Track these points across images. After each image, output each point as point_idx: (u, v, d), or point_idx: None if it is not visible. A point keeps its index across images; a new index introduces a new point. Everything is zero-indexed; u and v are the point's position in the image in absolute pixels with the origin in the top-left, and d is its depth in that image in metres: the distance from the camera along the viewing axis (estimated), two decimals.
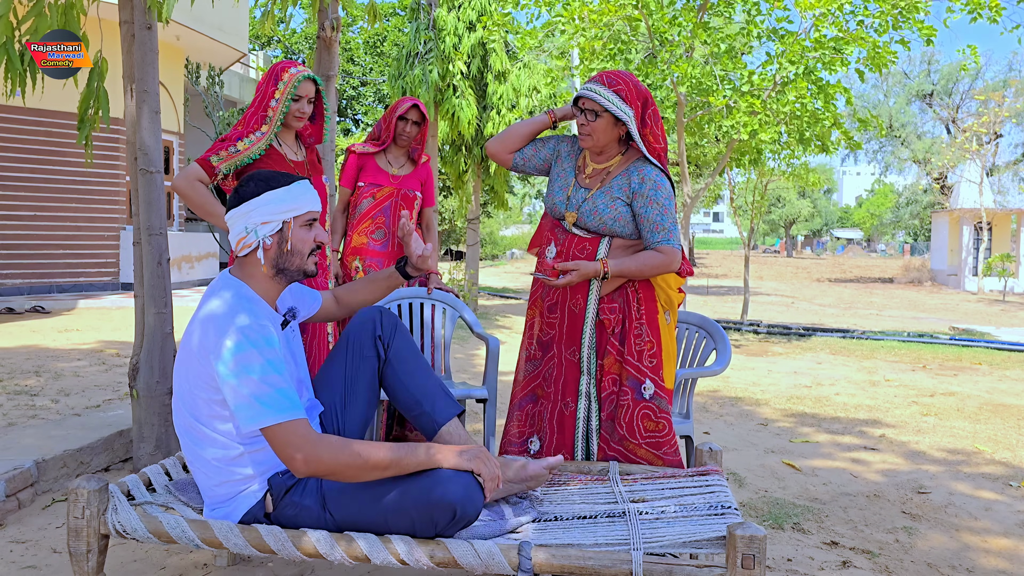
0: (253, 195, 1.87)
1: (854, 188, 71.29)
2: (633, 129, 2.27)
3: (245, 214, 1.86)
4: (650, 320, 2.33)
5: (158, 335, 3.14)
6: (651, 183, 2.29)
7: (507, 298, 14.95)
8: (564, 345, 2.39)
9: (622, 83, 2.28)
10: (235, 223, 1.88)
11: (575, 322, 2.37)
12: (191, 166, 2.58)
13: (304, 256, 1.90)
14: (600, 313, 2.34)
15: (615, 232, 2.32)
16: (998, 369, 7.06)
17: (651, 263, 2.28)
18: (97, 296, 9.66)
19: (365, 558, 1.68)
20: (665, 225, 2.29)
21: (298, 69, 2.67)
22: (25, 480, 2.82)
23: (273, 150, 2.67)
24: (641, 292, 2.33)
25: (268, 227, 1.85)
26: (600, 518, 1.88)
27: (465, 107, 10.12)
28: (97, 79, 3.32)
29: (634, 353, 2.31)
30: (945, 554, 2.68)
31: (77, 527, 1.76)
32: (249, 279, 1.88)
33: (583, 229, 2.36)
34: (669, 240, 2.29)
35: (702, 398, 5.35)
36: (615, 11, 7.26)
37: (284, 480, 1.81)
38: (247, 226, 1.85)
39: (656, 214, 2.28)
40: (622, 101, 2.26)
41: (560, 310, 2.40)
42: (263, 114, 2.62)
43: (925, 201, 30.56)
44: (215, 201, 2.55)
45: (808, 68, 7.24)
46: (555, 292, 2.41)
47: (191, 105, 12.64)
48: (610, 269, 2.28)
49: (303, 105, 2.66)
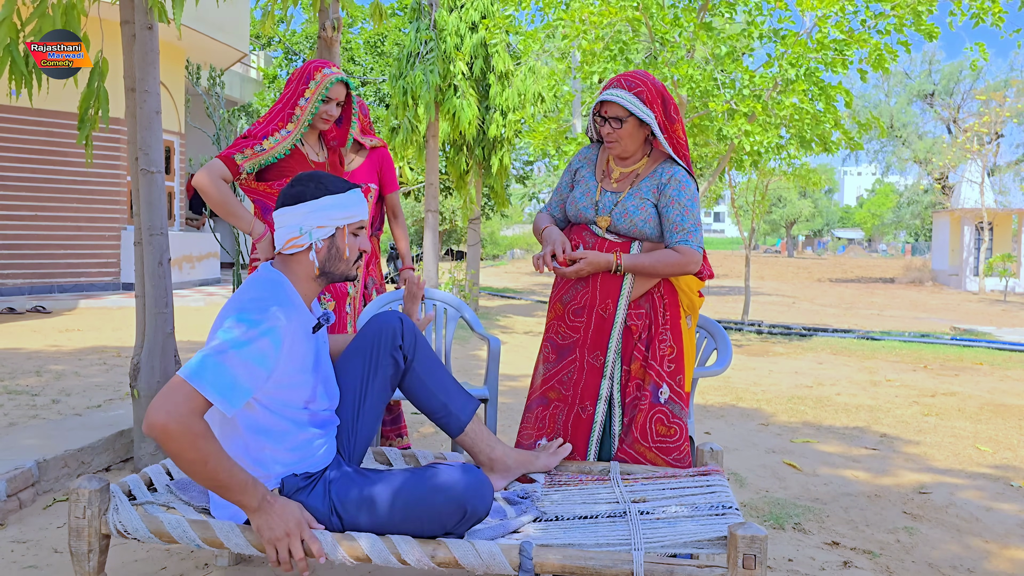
0: (312, 197, 1.87)
1: (855, 188, 71.31)
2: (656, 130, 2.26)
3: (303, 214, 1.86)
4: (674, 326, 2.32)
5: (159, 335, 3.14)
6: (676, 184, 2.28)
7: (508, 298, 14.96)
8: (588, 349, 2.35)
9: (640, 84, 2.26)
10: (288, 220, 1.87)
11: (603, 326, 2.33)
12: (213, 162, 2.45)
13: (351, 263, 1.93)
14: (628, 319, 2.31)
15: (645, 234, 2.30)
16: (999, 369, 7.06)
17: (666, 260, 2.25)
18: (98, 296, 9.67)
19: (366, 558, 1.68)
20: (685, 226, 2.26)
21: (331, 70, 2.58)
22: (26, 480, 2.83)
23: (296, 150, 2.59)
24: (667, 298, 2.32)
25: (323, 231, 1.87)
26: (601, 518, 1.88)
27: (466, 107, 10.13)
28: (98, 79, 3.32)
29: (657, 358, 2.29)
30: (946, 554, 2.68)
31: (78, 527, 1.76)
32: (292, 276, 1.89)
33: (614, 233, 2.34)
34: (688, 241, 2.26)
35: (703, 398, 5.35)
36: (616, 13, 7.26)
37: (296, 482, 1.82)
38: (302, 227, 1.85)
39: (676, 214, 2.27)
40: (642, 103, 2.25)
41: (587, 314, 2.35)
42: (290, 112, 2.54)
43: (926, 201, 30.57)
44: (236, 200, 2.47)
45: (809, 69, 7.24)
46: (583, 295, 2.36)
47: (192, 105, 12.66)
48: (623, 262, 2.26)
49: (332, 107, 2.59)
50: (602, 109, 2.29)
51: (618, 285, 2.30)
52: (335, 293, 2.60)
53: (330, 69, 2.59)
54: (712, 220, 76.75)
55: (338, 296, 2.61)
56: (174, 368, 3.19)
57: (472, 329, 3.30)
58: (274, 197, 2.51)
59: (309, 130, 2.63)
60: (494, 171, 11.12)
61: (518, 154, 22.03)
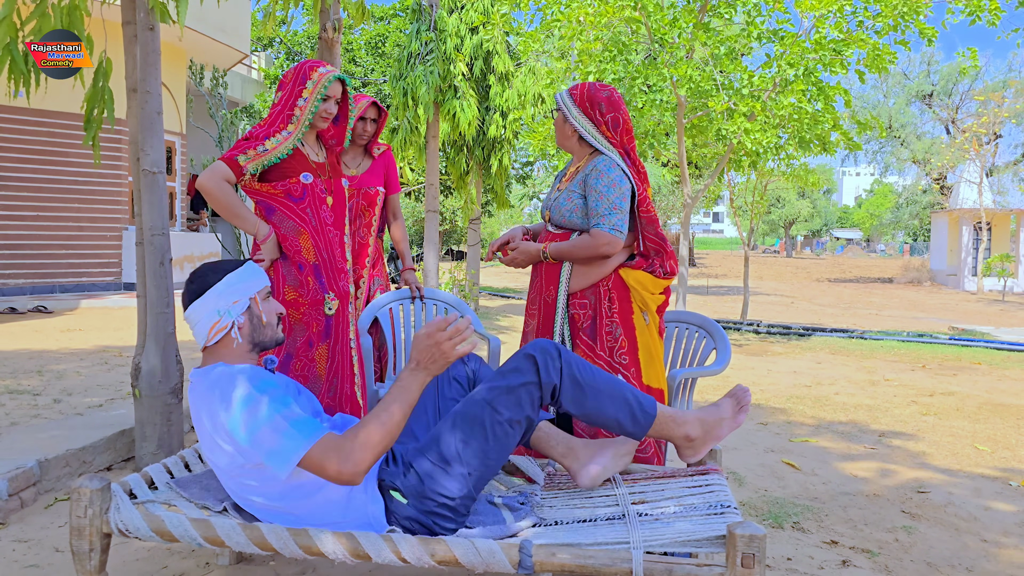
0: (216, 282, 1.93)
1: (854, 188, 71.31)
2: (579, 125, 2.48)
3: (214, 300, 1.92)
4: (624, 319, 2.43)
5: (160, 335, 3.15)
6: (595, 173, 2.45)
7: (508, 298, 14.96)
8: (540, 335, 2.50)
9: (578, 88, 2.53)
10: (203, 312, 1.92)
11: (548, 313, 2.52)
12: (217, 164, 2.46)
13: (275, 326, 2.00)
14: (570, 308, 2.47)
15: (575, 224, 2.48)
16: (997, 369, 7.07)
17: (580, 244, 2.44)
18: (99, 296, 9.67)
19: (367, 556, 1.69)
20: (599, 210, 2.42)
21: (327, 69, 2.60)
22: (28, 479, 2.83)
23: (297, 151, 2.59)
24: (614, 291, 2.44)
25: (239, 306, 1.93)
26: (600, 521, 1.89)
27: (466, 108, 10.14)
28: (102, 79, 3.33)
29: (606, 349, 2.41)
30: (945, 553, 2.69)
31: (79, 526, 1.77)
32: (224, 359, 1.93)
33: (556, 226, 2.55)
34: (599, 224, 2.41)
35: (702, 398, 5.36)
36: (613, 12, 7.27)
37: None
38: (219, 310, 1.91)
39: (593, 200, 2.43)
40: (572, 102, 2.51)
41: (537, 302, 2.56)
42: (289, 113, 2.54)
43: (924, 201, 30.55)
44: (240, 202, 2.50)
45: (808, 69, 7.25)
46: (534, 285, 2.59)
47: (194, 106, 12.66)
48: (549, 251, 2.48)
49: (331, 105, 2.60)
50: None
51: (557, 273, 2.50)
52: (339, 293, 2.61)
53: (325, 68, 2.60)
54: (711, 220, 76.72)
55: (341, 296, 2.62)
56: (175, 368, 3.20)
57: (472, 329, 3.31)
58: (276, 198, 2.53)
59: (309, 130, 2.63)
60: (494, 171, 11.14)
61: (518, 154, 22.04)
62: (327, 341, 2.58)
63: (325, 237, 2.57)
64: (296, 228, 2.53)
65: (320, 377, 2.56)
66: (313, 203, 2.56)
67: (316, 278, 2.54)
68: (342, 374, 2.61)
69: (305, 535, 1.72)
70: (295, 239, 2.53)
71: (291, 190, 2.53)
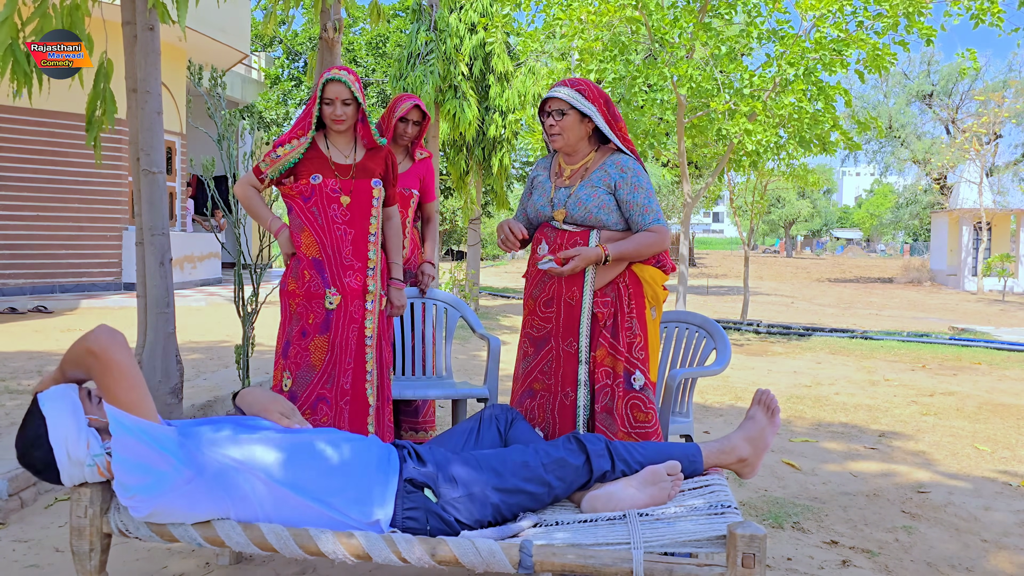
0: (47, 457, 1.75)
1: (854, 188, 71.30)
2: (600, 121, 2.42)
3: (68, 455, 1.74)
4: (639, 314, 2.43)
5: (160, 335, 3.15)
6: (632, 171, 2.43)
7: (508, 298, 14.97)
8: (562, 337, 2.45)
9: (582, 84, 2.45)
10: (73, 472, 1.76)
11: (572, 314, 2.44)
12: (248, 172, 2.78)
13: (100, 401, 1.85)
14: (595, 306, 2.43)
15: (602, 221, 2.43)
16: (997, 369, 7.07)
17: (647, 242, 2.41)
18: (100, 296, 9.68)
19: (366, 556, 1.69)
20: (652, 207, 2.43)
21: (329, 73, 2.62)
22: (28, 479, 2.84)
23: (318, 153, 2.67)
24: (632, 287, 2.43)
25: (94, 443, 1.76)
26: (600, 521, 1.89)
27: (467, 108, 10.15)
28: (103, 80, 3.33)
29: (625, 345, 2.40)
30: (944, 553, 2.69)
31: (79, 526, 1.77)
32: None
33: (572, 224, 2.47)
34: (659, 220, 2.44)
35: (702, 397, 5.36)
36: (614, 12, 7.27)
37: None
38: (87, 462, 1.75)
39: (643, 197, 2.42)
40: (584, 99, 2.42)
41: (556, 304, 2.47)
42: (308, 120, 2.66)
43: (925, 201, 30.54)
44: (261, 203, 2.78)
45: (808, 69, 7.26)
46: (550, 287, 2.48)
47: (194, 106, 12.66)
48: (610, 252, 2.39)
49: (336, 108, 2.61)
50: (546, 105, 2.45)
51: (582, 273, 2.43)
52: (341, 289, 2.61)
53: (330, 72, 2.63)
54: (711, 220, 76.70)
55: (344, 292, 2.62)
56: (175, 368, 3.20)
57: (472, 329, 3.31)
58: (293, 198, 2.68)
59: (335, 135, 2.70)
60: (494, 171, 11.15)
61: (518, 154, 22.04)
62: (326, 334, 2.62)
63: (332, 235, 2.63)
64: (300, 225, 2.65)
65: (314, 367, 2.62)
66: (320, 202, 2.64)
67: (317, 273, 2.62)
68: (341, 368, 2.63)
69: (305, 535, 1.72)
70: (298, 235, 2.66)
71: (302, 190, 2.66)
